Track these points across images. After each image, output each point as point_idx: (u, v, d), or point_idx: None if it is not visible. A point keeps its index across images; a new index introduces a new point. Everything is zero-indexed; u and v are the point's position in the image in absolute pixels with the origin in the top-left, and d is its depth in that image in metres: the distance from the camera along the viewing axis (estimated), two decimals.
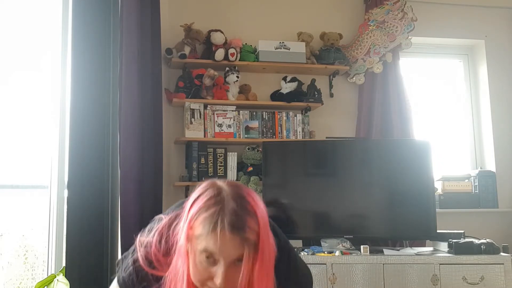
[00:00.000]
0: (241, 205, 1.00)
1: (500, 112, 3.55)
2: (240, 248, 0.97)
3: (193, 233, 1.00)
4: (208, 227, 0.97)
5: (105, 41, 2.50)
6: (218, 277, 0.97)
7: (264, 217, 1.03)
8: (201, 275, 1.00)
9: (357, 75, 3.34)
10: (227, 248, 0.97)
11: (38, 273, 2.28)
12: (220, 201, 0.99)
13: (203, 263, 0.99)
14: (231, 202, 0.99)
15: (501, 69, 3.62)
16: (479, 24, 3.64)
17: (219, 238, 0.96)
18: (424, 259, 2.54)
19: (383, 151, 2.90)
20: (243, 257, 0.97)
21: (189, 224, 1.01)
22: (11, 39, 2.31)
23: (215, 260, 0.98)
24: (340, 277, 2.49)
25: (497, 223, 3.37)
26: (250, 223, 0.99)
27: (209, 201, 1.00)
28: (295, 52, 3.16)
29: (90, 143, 2.38)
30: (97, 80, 2.44)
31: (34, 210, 2.36)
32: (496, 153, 3.49)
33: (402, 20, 3.30)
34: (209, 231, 0.97)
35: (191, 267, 1.01)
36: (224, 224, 0.96)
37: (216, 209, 0.98)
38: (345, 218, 2.81)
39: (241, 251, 0.97)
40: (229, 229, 0.96)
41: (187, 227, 1.01)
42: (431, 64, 3.74)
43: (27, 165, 2.32)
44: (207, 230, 0.97)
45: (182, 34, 3.08)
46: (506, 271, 2.51)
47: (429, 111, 3.65)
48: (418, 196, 2.79)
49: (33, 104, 2.37)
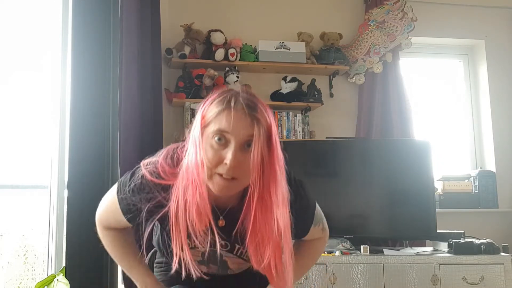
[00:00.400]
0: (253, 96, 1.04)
1: (500, 112, 3.55)
2: (251, 128, 0.99)
3: (205, 121, 1.02)
4: (221, 106, 1.00)
5: (105, 41, 2.50)
6: (228, 157, 0.98)
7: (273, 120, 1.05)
8: (212, 160, 1.00)
9: (357, 75, 3.34)
10: (239, 126, 0.99)
11: (38, 273, 2.28)
12: (232, 90, 1.05)
13: (214, 146, 1.00)
14: (244, 93, 1.04)
15: (501, 69, 3.62)
16: (479, 24, 3.64)
17: (232, 115, 0.98)
18: (424, 259, 2.54)
19: (383, 151, 2.90)
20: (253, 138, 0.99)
21: (202, 115, 1.03)
22: (11, 39, 2.30)
23: (226, 142, 1.00)
24: (340, 277, 2.49)
25: (497, 223, 3.37)
26: (261, 107, 1.02)
27: (222, 94, 1.04)
28: (295, 52, 3.16)
29: (90, 143, 2.38)
30: (97, 80, 2.44)
31: (34, 210, 2.36)
32: (496, 153, 3.49)
33: (402, 20, 3.30)
34: (222, 109, 1.00)
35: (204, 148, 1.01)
36: (237, 102, 1.00)
37: (229, 94, 1.03)
38: (345, 218, 2.81)
39: (251, 130, 0.99)
40: (241, 107, 0.99)
41: (200, 117, 1.03)
42: (431, 64, 3.74)
43: (27, 165, 2.32)
44: (220, 109, 1.00)
45: (182, 34, 3.08)
46: (506, 271, 2.51)
47: (429, 111, 3.65)
48: (418, 196, 2.78)
49: (33, 104, 2.37)
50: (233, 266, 1.23)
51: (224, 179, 1.00)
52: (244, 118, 1.00)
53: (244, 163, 1.00)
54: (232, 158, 0.98)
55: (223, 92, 1.05)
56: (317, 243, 1.33)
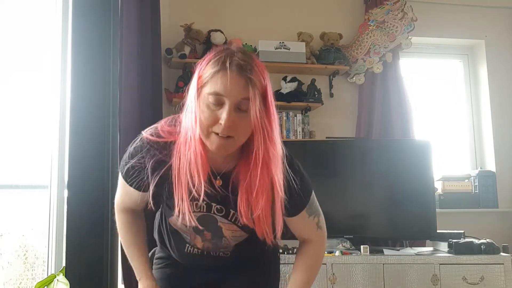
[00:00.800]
0: (248, 57, 1.05)
1: (500, 112, 3.55)
2: (246, 89, 1.01)
3: (202, 82, 1.05)
4: (217, 67, 1.02)
5: (105, 41, 2.50)
6: (223, 117, 1.01)
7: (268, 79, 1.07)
8: (208, 120, 1.03)
9: (357, 75, 3.34)
10: (233, 88, 1.01)
11: (38, 273, 2.28)
12: (228, 49, 1.06)
13: (210, 106, 1.03)
14: (240, 53, 1.05)
15: (501, 69, 3.61)
16: (479, 24, 3.64)
17: (227, 76, 1.00)
18: (424, 259, 2.54)
19: (383, 151, 2.90)
20: (247, 99, 1.02)
21: (198, 75, 1.06)
22: (10, 39, 2.30)
23: (221, 103, 1.02)
24: (340, 277, 2.49)
25: (497, 223, 3.37)
26: (256, 68, 1.04)
27: (218, 53, 1.06)
28: (295, 52, 3.16)
29: (90, 143, 2.38)
30: (97, 80, 2.44)
31: (34, 210, 2.36)
32: (496, 153, 3.49)
33: (402, 20, 3.30)
34: (217, 71, 1.02)
35: (200, 109, 1.05)
36: (232, 63, 1.02)
37: (224, 53, 1.04)
38: (345, 218, 2.81)
39: (246, 92, 1.02)
40: (236, 68, 1.01)
41: (197, 77, 1.06)
42: (431, 64, 3.74)
43: (27, 165, 2.32)
44: (215, 70, 1.02)
45: (182, 34, 3.08)
46: (506, 271, 2.51)
47: (429, 111, 3.65)
48: (418, 196, 2.78)
49: (33, 104, 2.37)
50: (227, 234, 1.24)
51: (220, 137, 1.04)
52: (239, 79, 1.01)
53: (239, 123, 1.03)
54: (227, 119, 1.01)
55: (220, 52, 1.06)
56: (314, 247, 1.32)
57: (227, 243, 1.28)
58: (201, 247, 1.29)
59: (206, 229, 1.24)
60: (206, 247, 1.29)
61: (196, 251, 1.31)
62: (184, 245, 1.31)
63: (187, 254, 1.32)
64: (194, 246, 1.30)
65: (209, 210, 1.19)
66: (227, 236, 1.25)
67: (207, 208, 1.19)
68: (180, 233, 1.30)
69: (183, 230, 1.27)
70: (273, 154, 1.08)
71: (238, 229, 1.23)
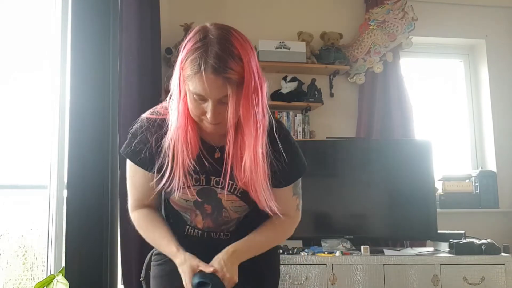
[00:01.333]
0: (224, 48, 1.06)
1: (501, 112, 3.55)
2: (224, 88, 1.06)
3: (184, 74, 1.09)
4: (194, 70, 1.06)
5: (105, 40, 2.50)
6: (208, 113, 1.09)
7: (249, 58, 1.08)
8: (196, 110, 1.11)
9: (358, 75, 3.33)
10: (212, 88, 1.05)
11: (38, 273, 2.27)
12: (204, 44, 1.06)
13: (196, 100, 1.10)
14: (215, 45, 1.06)
15: (501, 69, 3.61)
16: (479, 24, 3.63)
17: (204, 79, 1.04)
18: (424, 260, 2.54)
19: (383, 151, 2.89)
20: (227, 95, 1.06)
21: (180, 65, 1.10)
22: (10, 39, 2.30)
23: (205, 99, 1.09)
24: (340, 278, 2.48)
25: (498, 223, 3.36)
26: (232, 65, 1.05)
27: (195, 45, 1.07)
28: (295, 52, 3.16)
29: (90, 143, 2.37)
30: (97, 80, 2.44)
31: (34, 210, 2.35)
32: (496, 153, 3.48)
33: (402, 19, 3.29)
34: (195, 74, 1.06)
35: (188, 102, 1.11)
36: (207, 66, 1.04)
37: (200, 52, 1.06)
38: (345, 218, 2.81)
39: (224, 91, 1.06)
40: (211, 71, 1.04)
41: (179, 67, 1.10)
42: (431, 63, 3.74)
43: (26, 165, 2.32)
44: (193, 72, 1.06)
45: (182, 33, 3.07)
46: (507, 272, 2.50)
47: (430, 111, 3.64)
48: (419, 196, 2.78)
49: (33, 103, 2.37)
50: (227, 204, 1.26)
51: (210, 123, 1.12)
52: (215, 80, 1.05)
53: (225, 110, 1.09)
54: (212, 113, 1.09)
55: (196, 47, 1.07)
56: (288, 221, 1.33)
57: (228, 216, 1.28)
58: (202, 226, 1.30)
59: (206, 202, 1.26)
60: (206, 226, 1.30)
61: (197, 232, 1.31)
62: (184, 227, 1.32)
63: (186, 238, 1.31)
64: (194, 227, 1.31)
65: (208, 183, 1.23)
66: (227, 207, 1.27)
67: (206, 182, 1.23)
68: (180, 215, 1.31)
69: (184, 207, 1.28)
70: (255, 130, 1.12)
71: (237, 199, 1.25)
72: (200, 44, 1.07)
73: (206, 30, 1.10)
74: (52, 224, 2.26)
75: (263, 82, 1.14)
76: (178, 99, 1.12)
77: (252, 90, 1.08)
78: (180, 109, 1.13)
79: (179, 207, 1.29)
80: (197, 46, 1.07)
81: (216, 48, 1.05)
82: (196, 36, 1.09)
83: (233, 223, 1.31)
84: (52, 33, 2.40)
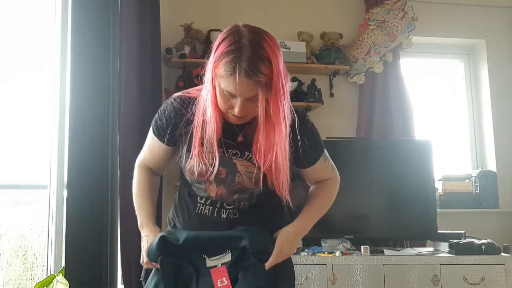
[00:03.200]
0: (256, 53, 1.17)
1: (501, 112, 3.54)
2: (254, 89, 1.18)
3: (217, 73, 1.20)
4: (227, 72, 1.17)
5: (105, 41, 2.50)
6: (236, 108, 1.21)
7: (277, 60, 1.20)
8: (224, 104, 1.23)
9: (358, 75, 3.33)
10: (243, 89, 1.17)
11: (38, 273, 2.27)
12: (239, 48, 1.17)
13: (225, 96, 1.21)
14: (248, 49, 1.17)
15: (502, 69, 3.61)
16: (480, 24, 3.63)
17: (237, 81, 1.16)
18: (424, 260, 2.54)
19: (383, 151, 2.90)
20: (257, 96, 1.18)
21: (214, 63, 1.21)
22: (10, 39, 2.30)
23: (234, 96, 1.20)
24: (340, 278, 2.48)
25: (498, 223, 3.36)
26: (262, 69, 1.16)
27: (230, 47, 1.18)
28: (295, 52, 3.15)
29: (90, 143, 2.37)
30: (97, 80, 2.44)
31: (34, 210, 2.35)
32: (497, 153, 3.48)
33: (402, 19, 3.29)
34: (228, 75, 1.17)
35: (217, 95, 1.23)
36: (241, 70, 1.15)
37: (234, 56, 1.16)
38: (345, 218, 2.81)
39: (255, 91, 1.18)
40: (244, 74, 1.15)
41: (213, 65, 1.22)
42: (431, 63, 3.73)
43: (26, 165, 2.32)
44: (227, 73, 1.17)
45: (182, 33, 3.07)
46: (507, 272, 2.50)
47: (430, 111, 3.64)
48: (419, 196, 2.78)
49: (33, 103, 2.37)
50: (241, 169, 1.33)
51: (235, 116, 1.24)
52: (247, 82, 1.16)
53: (251, 107, 1.22)
54: (239, 109, 1.21)
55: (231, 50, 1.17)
56: (330, 182, 1.49)
57: (241, 182, 1.33)
58: (215, 195, 1.35)
59: (221, 165, 1.32)
60: (219, 194, 1.34)
61: (207, 210, 1.36)
62: (195, 204, 1.38)
63: (197, 218, 1.37)
64: (207, 198, 1.36)
65: (224, 154, 1.32)
66: (241, 172, 1.32)
67: (222, 153, 1.32)
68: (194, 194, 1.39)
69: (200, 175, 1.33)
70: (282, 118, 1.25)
71: (252, 165, 1.32)
72: (234, 48, 1.17)
73: (240, 33, 1.20)
74: (52, 224, 2.25)
75: (287, 79, 1.25)
76: (209, 90, 1.24)
77: (280, 90, 1.20)
78: (209, 98, 1.24)
79: (195, 178, 1.35)
80: (231, 49, 1.17)
81: (249, 52, 1.16)
82: (230, 38, 1.19)
83: (245, 197, 1.35)
84: (52, 33, 2.39)
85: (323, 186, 1.48)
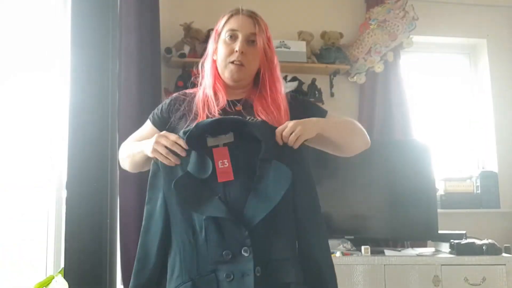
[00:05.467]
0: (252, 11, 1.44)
1: (502, 111, 3.53)
2: (254, 26, 1.39)
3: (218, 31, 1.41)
4: (230, 13, 1.40)
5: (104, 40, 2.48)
6: (237, 46, 1.36)
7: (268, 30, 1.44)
8: (225, 52, 1.37)
9: (358, 75, 3.32)
10: (244, 24, 1.39)
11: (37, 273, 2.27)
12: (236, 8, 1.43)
13: (226, 41, 1.38)
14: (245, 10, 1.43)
15: (503, 68, 3.59)
16: (481, 23, 3.62)
17: (240, 17, 1.39)
18: (425, 260, 2.53)
19: (384, 151, 2.89)
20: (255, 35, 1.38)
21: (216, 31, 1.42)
22: (9, 39, 2.29)
23: (235, 37, 1.37)
24: (341, 278, 2.45)
25: (499, 223, 3.35)
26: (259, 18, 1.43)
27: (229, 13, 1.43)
28: (296, 51, 3.15)
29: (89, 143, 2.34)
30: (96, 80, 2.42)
31: (34, 210, 2.35)
32: (498, 153, 3.47)
33: (403, 19, 3.28)
34: (231, 15, 1.40)
35: (218, 50, 1.39)
36: (243, 10, 1.41)
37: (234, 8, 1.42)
38: (346, 219, 2.80)
39: (254, 29, 1.39)
40: (246, 12, 1.42)
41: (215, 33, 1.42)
42: (432, 63, 3.72)
43: (26, 165, 2.31)
44: (229, 15, 1.40)
45: (182, 33, 3.07)
46: (508, 272, 2.49)
47: (431, 111, 3.63)
48: (420, 196, 2.77)
49: (32, 103, 2.36)
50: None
51: (235, 65, 1.37)
52: (248, 19, 1.39)
53: (250, 52, 1.37)
54: (240, 46, 1.36)
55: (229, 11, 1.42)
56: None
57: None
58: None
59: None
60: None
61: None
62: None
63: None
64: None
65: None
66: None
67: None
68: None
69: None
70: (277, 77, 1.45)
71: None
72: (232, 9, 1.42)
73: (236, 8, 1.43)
74: (51, 224, 2.25)
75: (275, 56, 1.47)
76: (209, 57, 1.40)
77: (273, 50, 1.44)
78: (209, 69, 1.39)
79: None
80: (230, 10, 1.41)
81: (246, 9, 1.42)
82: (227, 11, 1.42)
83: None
84: (50, 33, 2.39)
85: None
